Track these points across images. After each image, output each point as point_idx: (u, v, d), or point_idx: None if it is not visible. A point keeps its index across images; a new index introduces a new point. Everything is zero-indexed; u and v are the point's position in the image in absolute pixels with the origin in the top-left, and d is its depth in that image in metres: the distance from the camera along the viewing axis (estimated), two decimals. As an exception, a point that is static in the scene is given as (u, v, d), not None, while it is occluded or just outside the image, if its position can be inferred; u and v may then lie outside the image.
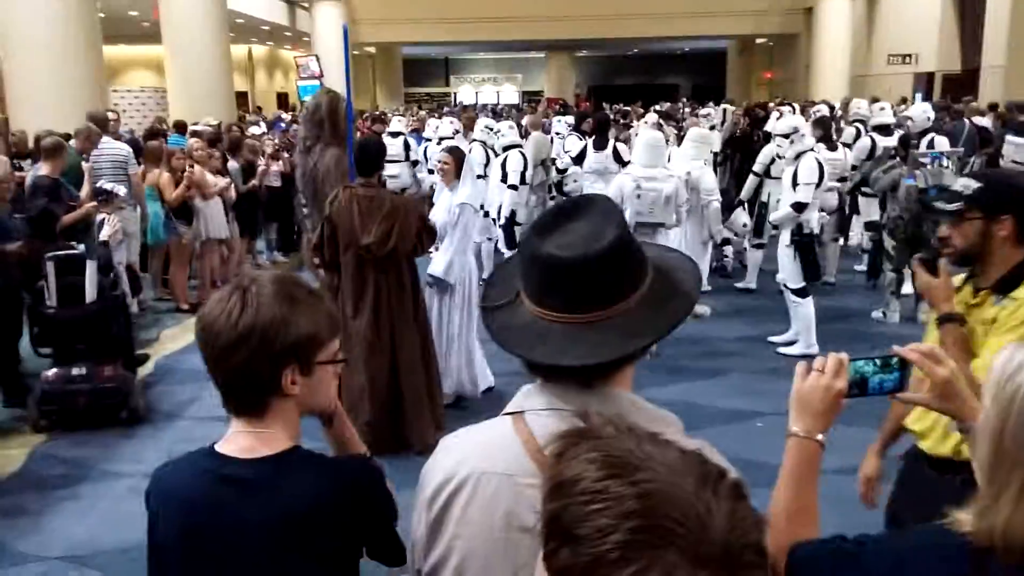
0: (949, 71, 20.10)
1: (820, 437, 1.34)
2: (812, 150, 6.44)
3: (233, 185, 8.28)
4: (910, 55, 21.06)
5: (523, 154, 8.05)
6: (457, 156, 5.24)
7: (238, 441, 1.35)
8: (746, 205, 8.04)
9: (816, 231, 6.36)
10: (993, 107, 11.84)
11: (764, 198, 7.85)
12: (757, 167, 7.95)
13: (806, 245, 6.15)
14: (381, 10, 25.66)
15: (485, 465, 1.17)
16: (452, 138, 9.42)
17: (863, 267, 8.51)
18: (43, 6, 9.14)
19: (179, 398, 5.72)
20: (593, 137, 8.40)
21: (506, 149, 8.15)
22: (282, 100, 29.78)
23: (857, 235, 8.80)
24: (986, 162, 8.02)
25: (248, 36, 25.90)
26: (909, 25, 21.53)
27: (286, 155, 10.48)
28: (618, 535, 0.68)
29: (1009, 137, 9.34)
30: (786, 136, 6.55)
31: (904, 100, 13.56)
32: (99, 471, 4.63)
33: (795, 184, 6.16)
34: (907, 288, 6.88)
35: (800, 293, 6.23)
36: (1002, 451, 1.10)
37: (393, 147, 9.43)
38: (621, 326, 1.17)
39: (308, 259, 5.36)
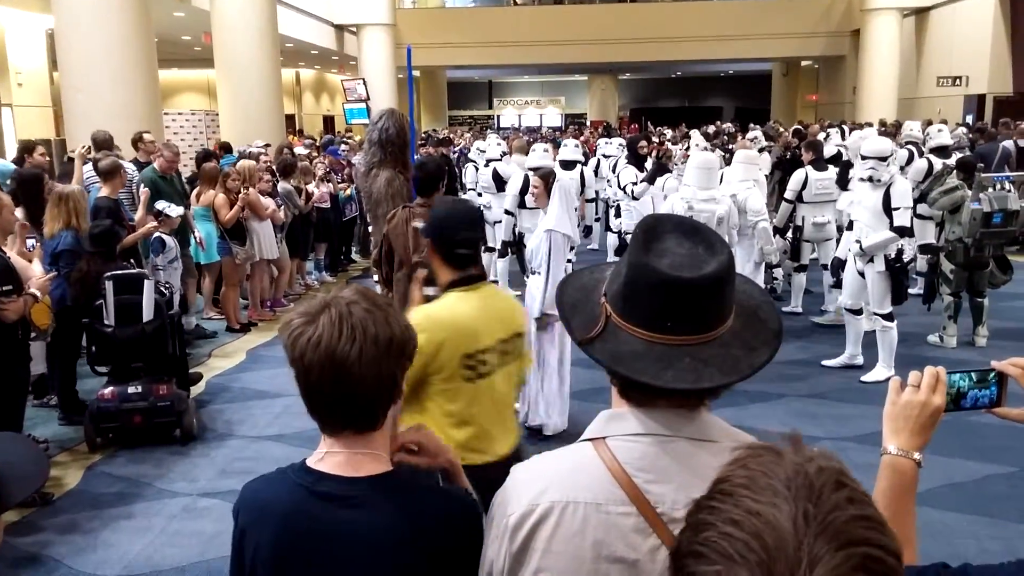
0: (1000, 94, 19.69)
1: (917, 456, 1.28)
2: (899, 172, 6.24)
3: (284, 207, 8.40)
4: (960, 77, 20.66)
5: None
6: (546, 178, 5.19)
7: (337, 460, 1.31)
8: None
9: (908, 257, 6.17)
10: None
11: (799, 222, 7.74)
12: (789, 194, 7.79)
13: (901, 270, 6.02)
14: (426, 34, 25.97)
15: (570, 494, 1.13)
16: (500, 159, 9.45)
17: (918, 290, 8.32)
18: (101, 30, 9.40)
19: (231, 417, 5.77)
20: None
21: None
22: (328, 123, 30.23)
23: (910, 255, 8.60)
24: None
25: (297, 60, 26.38)
26: (959, 47, 21.16)
27: (335, 177, 10.63)
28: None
29: None
30: (883, 159, 6.08)
31: (944, 122, 13.27)
32: (154, 489, 4.67)
33: (888, 209, 5.94)
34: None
35: (888, 318, 6.10)
36: None
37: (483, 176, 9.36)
38: (739, 342, 1.16)
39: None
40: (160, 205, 6.82)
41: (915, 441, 1.29)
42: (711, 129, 18.64)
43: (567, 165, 8.10)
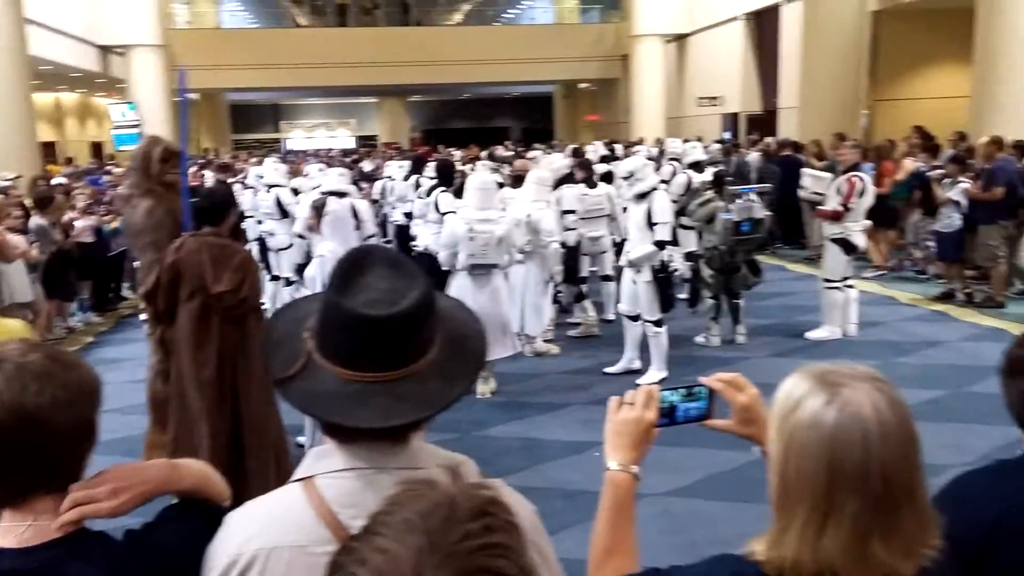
0: (751, 112, 21.82)
1: (635, 469, 1.35)
2: (656, 189, 6.54)
3: (37, 243, 7.68)
4: (716, 97, 22.70)
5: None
6: (318, 208, 5.22)
7: (20, 529, 1.18)
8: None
9: (674, 266, 6.59)
10: (785, 144, 13.07)
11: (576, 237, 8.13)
12: (580, 210, 8.07)
13: (665, 280, 6.41)
14: (203, 56, 24.78)
15: (276, 539, 1.11)
16: (281, 186, 9.18)
17: (684, 295, 8.98)
18: None
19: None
20: (433, 182, 8.42)
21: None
22: (96, 150, 28.04)
23: (678, 265, 9.28)
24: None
25: (56, 84, 24.30)
26: (715, 70, 23.25)
27: (100, 209, 9.87)
28: None
29: (805, 170, 10.30)
30: (625, 178, 6.70)
31: (699, 139, 14.59)
32: None
33: (651, 223, 6.32)
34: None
35: (657, 324, 6.48)
36: (786, 484, 1.11)
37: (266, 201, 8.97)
38: (438, 375, 1.17)
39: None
40: None
41: (632, 455, 1.35)
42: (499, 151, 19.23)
43: (338, 195, 7.88)
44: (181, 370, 4.31)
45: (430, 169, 9.17)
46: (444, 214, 8.41)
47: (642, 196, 6.40)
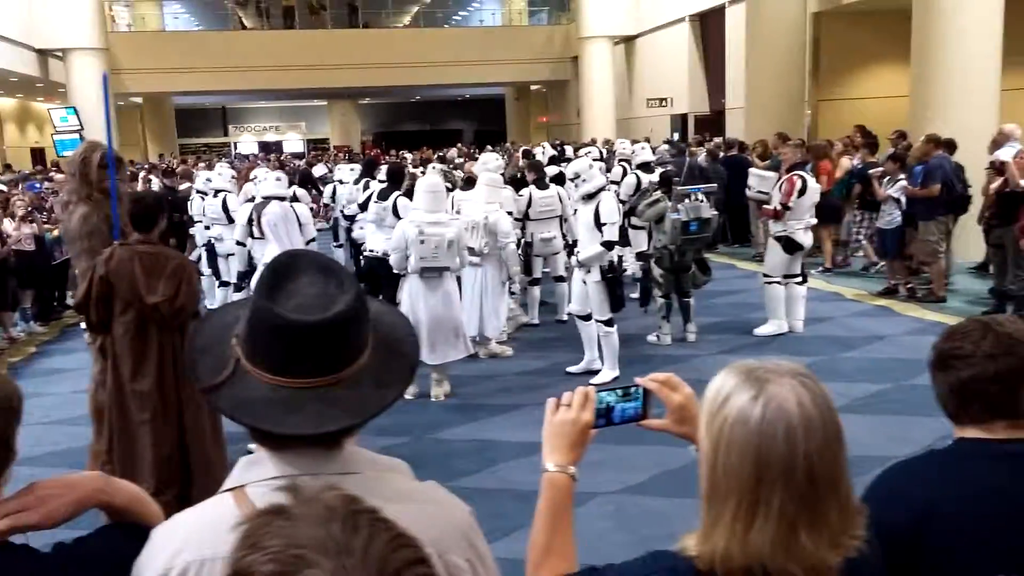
0: (699, 113, 22.13)
1: (572, 470, 1.36)
2: (606, 189, 6.58)
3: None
4: (665, 99, 22.96)
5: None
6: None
7: None
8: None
9: (625, 267, 6.60)
10: (731, 144, 13.33)
11: (528, 238, 8.16)
12: (516, 213, 8.02)
13: (615, 279, 6.44)
14: (146, 59, 24.34)
15: (207, 551, 1.08)
16: (228, 191, 9.03)
17: (635, 295, 9.06)
18: None
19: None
20: (384, 186, 8.35)
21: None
22: (37, 156, 27.30)
23: (629, 265, 9.37)
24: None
25: (-8, 88, 23.64)
26: (663, 72, 23.52)
27: (41, 216, 9.63)
28: None
29: (752, 170, 10.51)
30: (572, 180, 6.72)
31: (647, 140, 14.77)
32: None
33: (599, 224, 6.33)
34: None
35: (608, 323, 6.52)
36: (716, 479, 1.13)
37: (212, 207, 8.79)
38: (371, 380, 1.16)
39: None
40: None
41: (570, 456, 1.36)
42: (451, 153, 19.23)
43: (279, 200, 7.71)
44: (121, 382, 4.23)
45: (382, 172, 9.12)
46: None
47: (590, 197, 6.44)
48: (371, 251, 7.59)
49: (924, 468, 1.57)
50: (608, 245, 6.33)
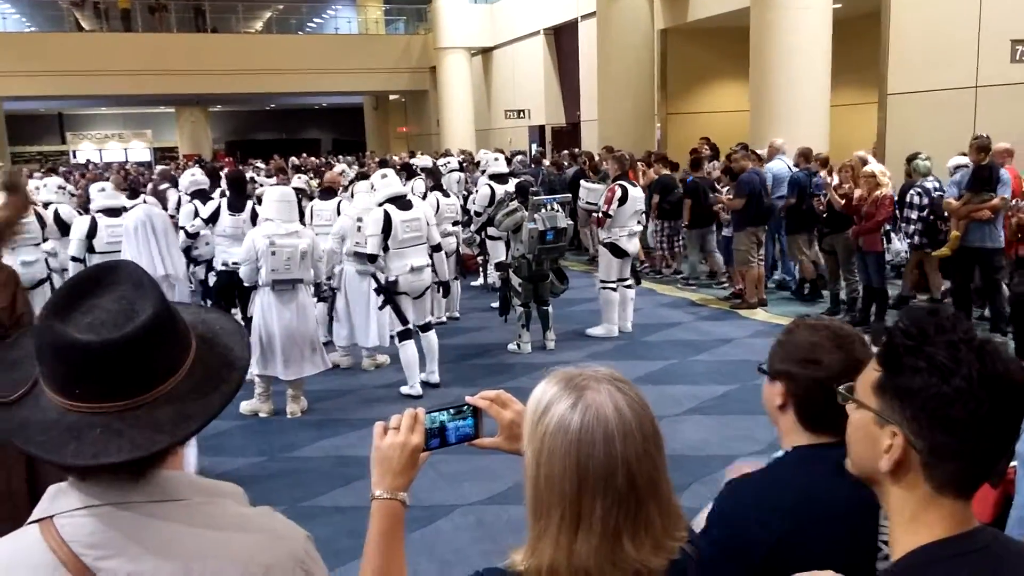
0: (556, 124, 22.64)
1: (402, 495, 1.32)
2: (382, 206, 6.44)
3: None
4: (523, 110, 23.33)
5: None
6: None
7: None
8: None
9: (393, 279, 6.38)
10: (575, 155, 13.83)
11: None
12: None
13: (387, 291, 6.34)
14: (-32, 61, 22.45)
15: None
16: (62, 202, 8.42)
17: (496, 304, 9.13)
18: None
19: None
20: (226, 197, 8.00)
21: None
22: None
23: (488, 275, 9.48)
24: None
25: None
26: (520, 84, 23.92)
27: None
28: None
29: (583, 182, 11.06)
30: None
31: (500, 150, 15.07)
32: None
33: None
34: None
35: (402, 336, 6.41)
36: (539, 490, 1.11)
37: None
38: (172, 407, 1.07)
39: None
40: None
41: (399, 481, 1.31)
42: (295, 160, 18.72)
43: (112, 212, 7.19)
44: None
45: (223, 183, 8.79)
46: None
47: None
48: (233, 264, 7.12)
49: (767, 488, 1.55)
50: (371, 259, 6.30)
